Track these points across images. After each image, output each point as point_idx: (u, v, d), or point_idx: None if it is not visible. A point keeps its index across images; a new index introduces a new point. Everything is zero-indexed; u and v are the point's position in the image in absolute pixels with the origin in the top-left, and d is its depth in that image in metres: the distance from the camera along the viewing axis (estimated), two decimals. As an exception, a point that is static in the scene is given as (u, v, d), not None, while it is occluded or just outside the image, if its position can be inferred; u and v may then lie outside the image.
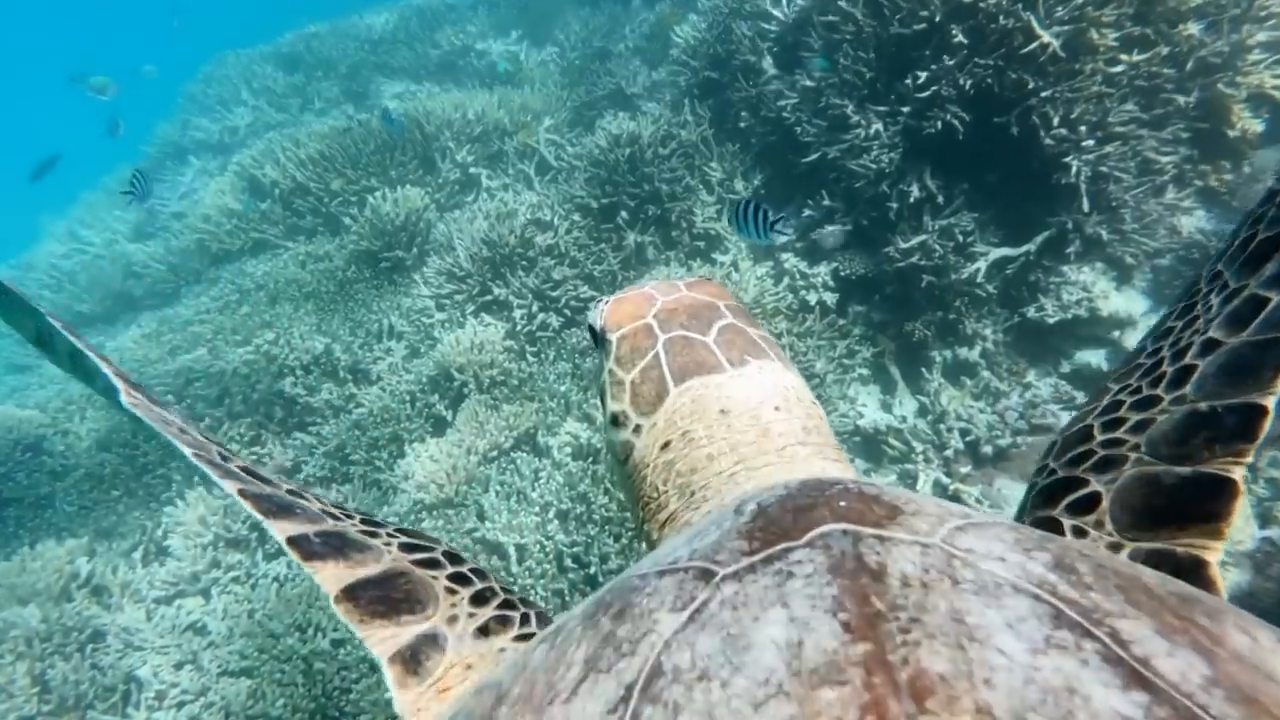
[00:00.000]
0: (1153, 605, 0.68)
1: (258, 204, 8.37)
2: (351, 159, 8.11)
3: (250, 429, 6.04)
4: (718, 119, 7.55)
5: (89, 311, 8.94)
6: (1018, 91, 5.00)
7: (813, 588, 0.70)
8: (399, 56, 12.85)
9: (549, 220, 6.67)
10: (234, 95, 13.50)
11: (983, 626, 0.64)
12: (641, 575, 0.85)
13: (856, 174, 5.66)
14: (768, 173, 6.93)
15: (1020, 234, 5.52)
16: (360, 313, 6.72)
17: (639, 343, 1.45)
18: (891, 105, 5.53)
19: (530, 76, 11.45)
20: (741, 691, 0.62)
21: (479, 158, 8.36)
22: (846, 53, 5.72)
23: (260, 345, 6.43)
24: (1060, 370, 5.40)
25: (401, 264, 7.18)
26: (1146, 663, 0.61)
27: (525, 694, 0.78)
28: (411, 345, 6.45)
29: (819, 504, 0.85)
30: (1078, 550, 0.77)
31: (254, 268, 7.89)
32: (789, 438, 1.30)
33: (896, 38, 5.41)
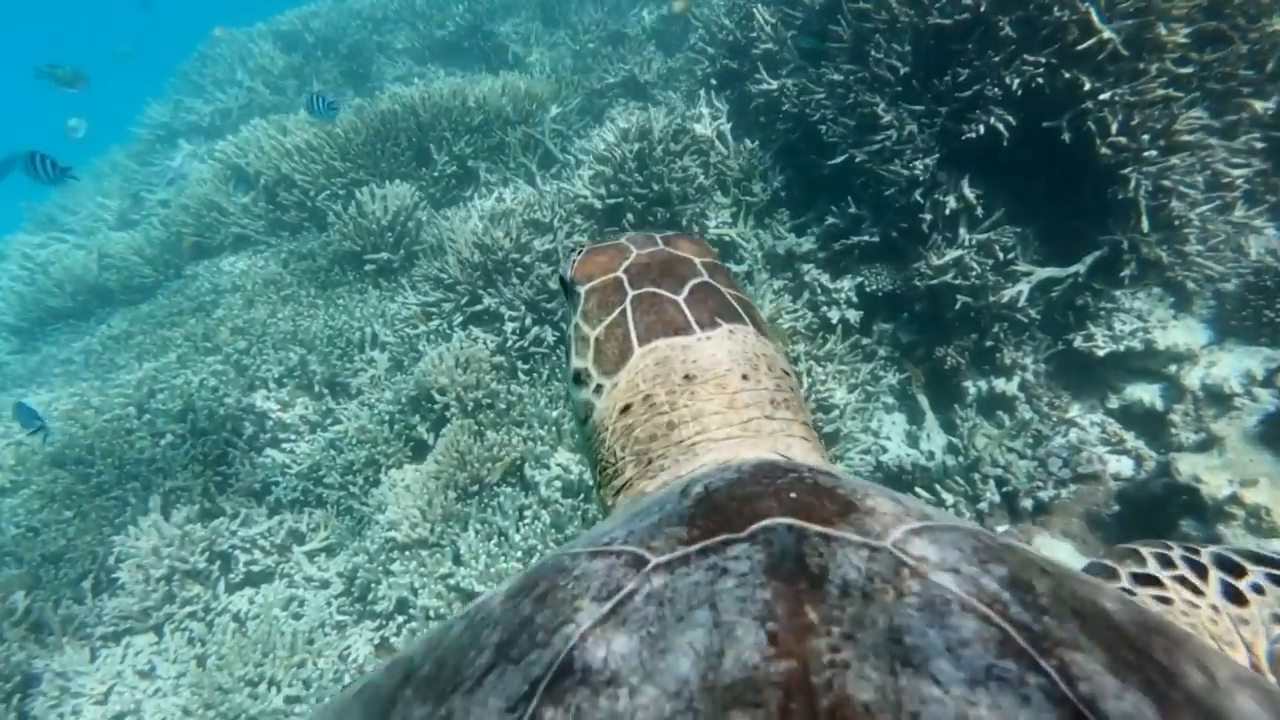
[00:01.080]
0: (1109, 635, 0.66)
1: (239, 196, 8.02)
2: (340, 149, 7.74)
3: (215, 447, 5.70)
4: (736, 112, 7.13)
5: (60, 306, 8.65)
6: (1071, 93, 4.55)
7: (745, 589, 0.68)
8: (402, 36, 12.50)
9: (547, 221, 6.28)
10: (228, 75, 13.20)
11: (921, 649, 0.60)
12: (574, 555, 0.83)
13: (886, 180, 5.22)
14: (788, 173, 6.50)
15: (1067, 252, 5.07)
16: (341, 319, 6.36)
17: (607, 297, 1.40)
18: (928, 105, 5.10)
19: (539, 60, 11.07)
20: (648, 703, 0.60)
21: (478, 149, 7.97)
22: (878, 44, 5.28)
23: (231, 355, 6.09)
24: (1107, 405, 4.96)
25: (388, 267, 6.81)
26: (1092, 704, 0.58)
27: (432, 676, 0.75)
28: (395, 357, 6.09)
29: (768, 493, 0.82)
30: (1039, 566, 0.74)
31: (232, 265, 7.57)
32: (755, 410, 1.27)
33: (935, 29, 4.97)
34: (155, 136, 13.03)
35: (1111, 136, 4.49)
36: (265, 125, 8.52)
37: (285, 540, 5.52)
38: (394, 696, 0.77)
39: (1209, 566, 1.27)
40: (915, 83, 5.19)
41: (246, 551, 5.44)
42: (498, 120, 8.29)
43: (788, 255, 5.99)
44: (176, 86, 13.93)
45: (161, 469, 5.54)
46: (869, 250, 5.68)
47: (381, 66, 12.34)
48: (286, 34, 13.64)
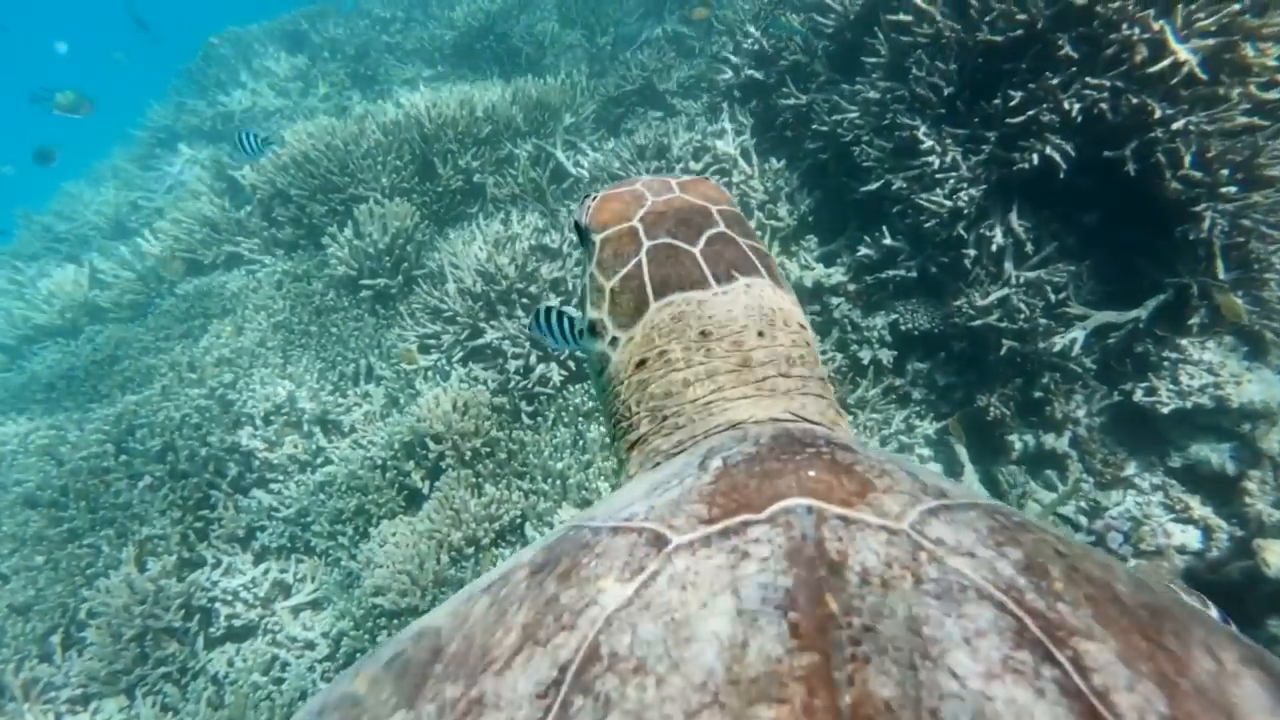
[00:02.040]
0: (1122, 622, 0.68)
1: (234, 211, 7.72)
2: (339, 162, 7.41)
3: (195, 490, 5.39)
4: (761, 126, 6.76)
5: (48, 324, 8.38)
6: (1138, 120, 4.15)
7: (767, 575, 0.69)
8: (412, 36, 12.18)
9: (556, 248, 5.92)
10: (232, 76, 12.93)
11: (939, 641, 0.62)
12: (595, 529, 0.84)
13: (926, 210, 4.83)
14: (817, 196, 6.12)
15: (1125, 292, 4.68)
16: (335, 350, 6.04)
17: (622, 248, 1.41)
18: (973, 129, 4.71)
19: (554, 63, 10.72)
20: (676, 694, 0.61)
21: (485, 162, 7.63)
22: (919, 61, 4.89)
23: (216, 389, 5.78)
24: (1168, 463, 4.56)
25: (386, 293, 6.48)
26: (1104, 697, 0.60)
27: (462, 654, 0.77)
28: (391, 393, 5.75)
29: (786, 471, 0.84)
30: (1053, 546, 0.76)
31: (223, 287, 7.26)
32: (771, 368, 1.28)
33: (984, 46, 4.58)
34: (156, 139, 12.80)
35: (1184, 169, 4.09)
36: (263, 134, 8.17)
37: (270, 592, 5.20)
38: (425, 673, 0.77)
39: None
40: (960, 104, 4.80)
41: (228, 604, 5.13)
42: (507, 131, 7.94)
43: (816, 288, 5.61)
44: (180, 87, 13.68)
45: (138, 515, 5.24)
46: (904, 285, 5.29)
47: (390, 69, 12.03)
48: (292, 33, 13.37)
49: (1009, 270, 4.77)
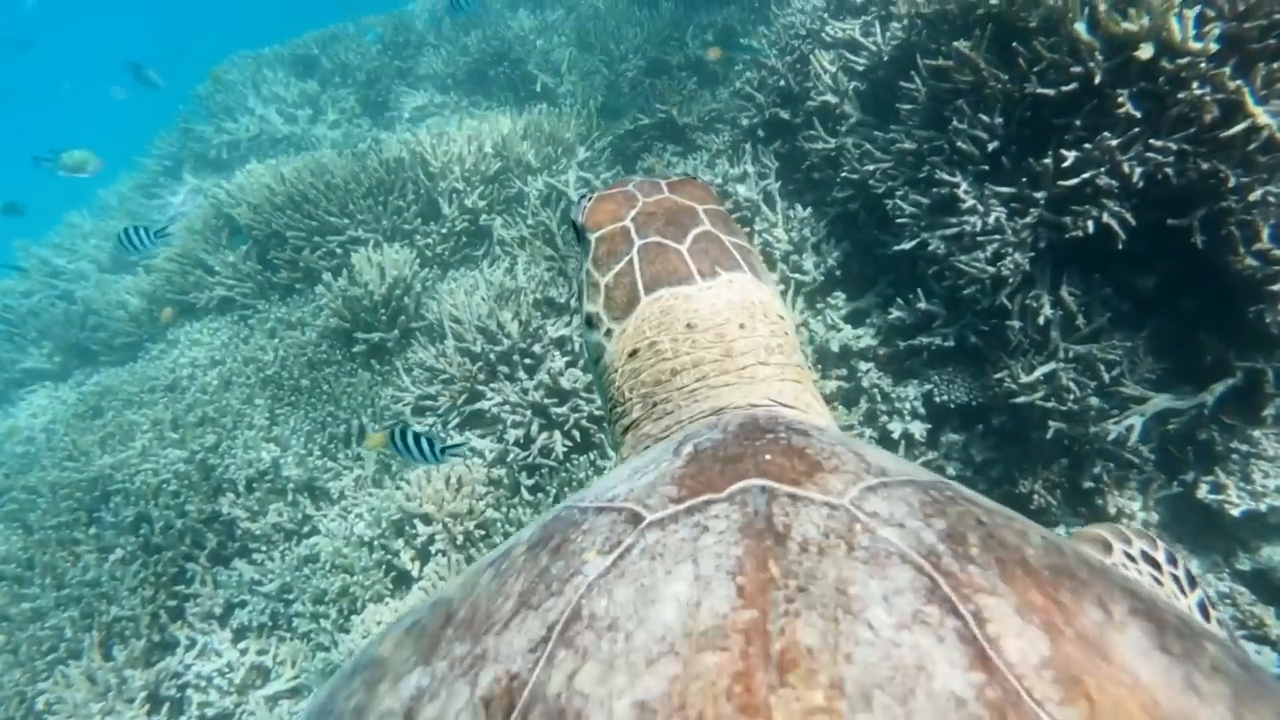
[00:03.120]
0: (1024, 578, 0.81)
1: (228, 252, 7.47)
2: (339, 202, 7.16)
3: (171, 565, 5.10)
4: (785, 169, 6.43)
5: (35, 366, 8.18)
6: (1208, 187, 3.77)
7: (722, 545, 0.83)
8: (424, 62, 11.98)
9: (563, 301, 5.60)
10: (240, 102, 12.77)
11: (861, 598, 0.76)
12: (583, 509, 0.99)
13: (966, 274, 4.46)
14: (845, 247, 5.78)
15: (1185, 369, 4.31)
16: (325, 409, 5.75)
17: (615, 246, 1.55)
18: (1020, 188, 4.35)
19: (570, 91, 10.46)
20: (640, 646, 0.75)
21: (493, 202, 7.35)
22: (960, 111, 4.54)
23: (196, 452, 5.50)
24: (1237, 566, 4.15)
25: (381, 347, 6.18)
26: (995, 642, 0.72)
27: (469, 618, 0.91)
28: (383, 459, 5.43)
29: (747, 455, 0.98)
30: (976, 517, 0.90)
31: (213, 335, 7.00)
32: (751, 357, 1.43)
33: (1034, 99, 4.22)
34: (162, 167, 12.68)
35: (1260, 243, 3.72)
36: (261, 171, 7.98)
37: (248, 677, 4.89)
38: (438, 635, 0.91)
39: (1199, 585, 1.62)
40: (1005, 160, 4.45)
41: (201, 691, 4.82)
42: (517, 167, 7.67)
43: (843, 352, 5.25)
44: (188, 112, 13.55)
45: (106, 594, 4.95)
46: (940, 353, 4.92)
47: (401, 95, 11.83)
48: (302, 58, 13.22)
49: (1056, 341, 4.40)
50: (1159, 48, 3.71)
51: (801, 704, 0.67)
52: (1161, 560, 1.60)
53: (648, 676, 0.72)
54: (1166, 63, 3.69)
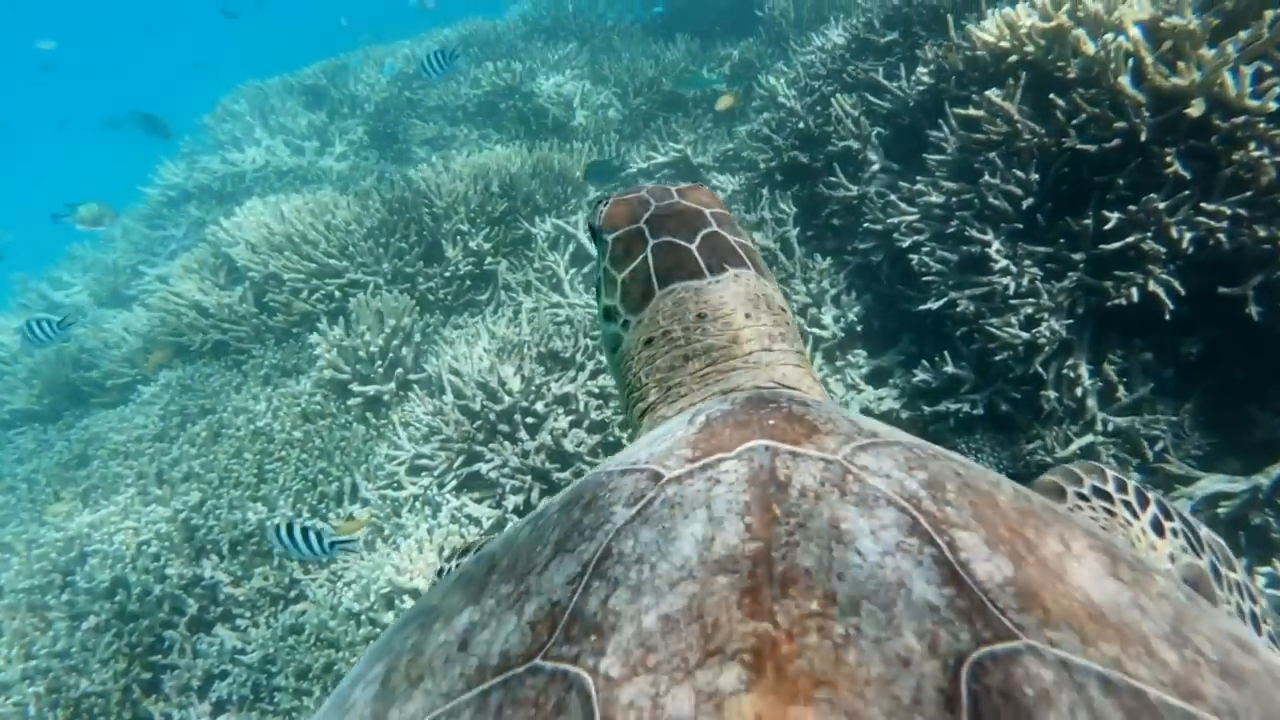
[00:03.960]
0: (994, 517, 0.95)
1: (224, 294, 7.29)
2: (339, 244, 6.97)
3: (148, 634, 4.86)
4: (804, 214, 6.22)
5: (25, 408, 8.00)
6: (1264, 254, 3.52)
7: (732, 494, 0.97)
8: (434, 93, 11.86)
9: (569, 355, 5.37)
10: (247, 133, 12.70)
11: (851, 532, 0.89)
12: (609, 473, 1.12)
13: (997, 339, 4.21)
14: (867, 301, 5.54)
15: (1234, 444, 4.03)
16: (317, 465, 5.52)
17: (631, 245, 1.72)
18: (1057, 249, 4.11)
19: (582, 125, 10.32)
20: (664, 573, 0.88)
21: (498, 244, 7.16)
22: (992, 165, 4.31)
23: (180, 511, 5.28)
24: (1304, 657, 3.83)
25: (377, 400, 5.96)
26: (966, 565, 0.86)
27: (511, 565, 1.04)
28: (376, 521, 5.20)
29: (753, 422, 1.12)
30: (952, 470, 1.04)
31: (204, 381, 6.80)
32: (755, 344, 1.59)
33: (1072, 154, 3.99)
34: (166, 198, 12.57)
35: (1323, 316, 3.45)
36: (260, 208, 7.81)
37: (226, 757, 4.63)
38: (484, 581, 1.04)
39: (1150, 502, 1.70)
40: (1040, 218, 4.21)
41: (175, 773, 4.57)
42: (525, 207, 7.48)
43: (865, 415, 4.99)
44: (194, 142, 13.50)
45: (75, 668, 4.71)
46: (968, 419, 4.66)
47: (410, 127, 11.70)
48: (311, 88, 13.15)
49: (1094, 411, 4.14)
50: (1211, 104, 3.48)
51: (800, 610, 0.80)
52: (1111, 490, 1.67)
53: (670, 595, 0.85)
54: (1219, 120, 3.46)
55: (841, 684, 0.74)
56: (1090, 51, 3.84)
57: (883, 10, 6.36)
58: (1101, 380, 4.11)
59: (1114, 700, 0.76)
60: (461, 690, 0.90)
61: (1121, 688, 0.78)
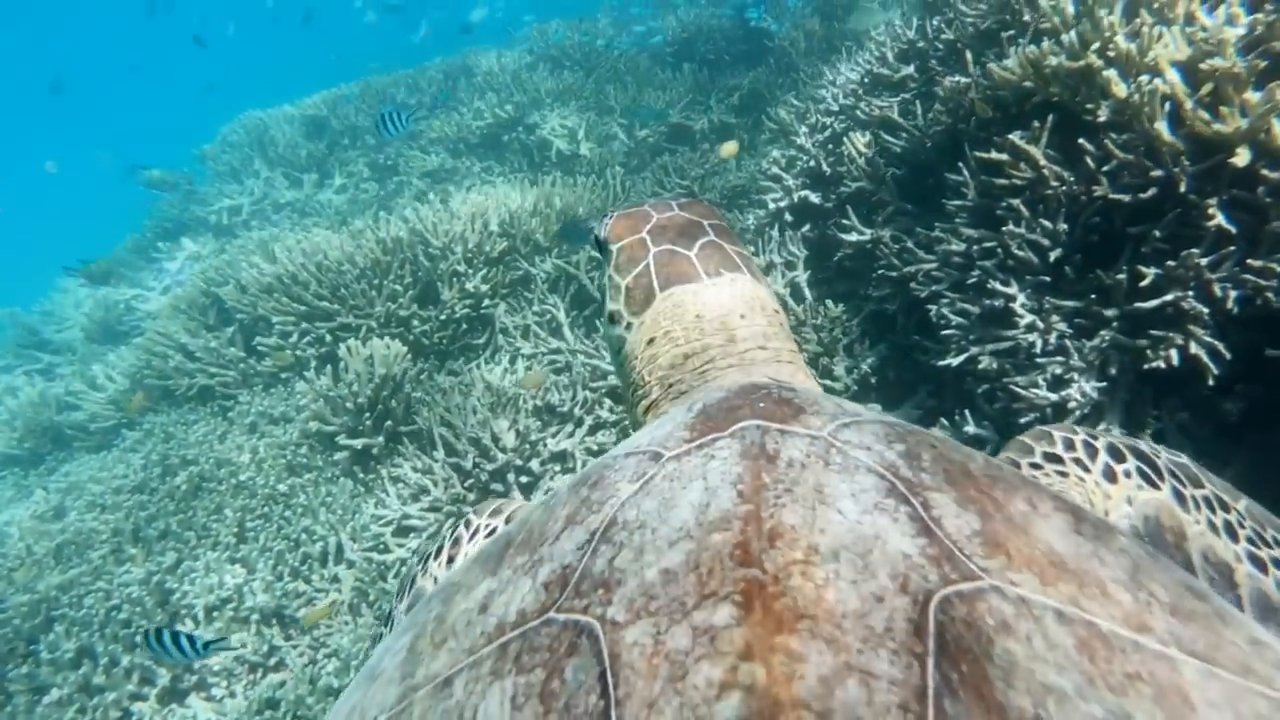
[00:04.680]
0: (965, 482, 1.06)
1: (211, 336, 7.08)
2: (331, 286, 6.77)
3: (115, 707, 4.60)
4: (815, 257, 6.00)
5: (5, 451, 7.80)
6: (1318, 314, 3.26)
7: (725, 466, 1.07)
8: (436, 125, 11.70)
9: (567, 409, 5.14)
10: (245, 164, 12.55)
11: (833, 495, 1.00)
12: (614, 456, 1.24)
13: (1022, 399, 3.95)
14: (881, 350, 5.30)
15: None
16: (301, 524, 5.28)
17: (634, 253, 1.87)
18: (1088, 304, 3.86)
19: (587, 157, 10.14)
20: (664, 535, 0.99)
21: (496, 285, 6.94)
22: (1016, 213, 4.08)
23: (154, 572, 5.04)
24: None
25: (366, 453, 5.72)
26: (938, 521, 0.96)
27: (525, 540, 1.14)
28: (361, 585, 4.95)
29: (744, 405, 1.23)
30: (928, 443, 1.15)
31: (188, 429, 6.58)
32: (750, 342, 1.72)
33: (1103, 205, 3.75)
34: (163, 229, 12.42)
35: (1384, 385, 3.18)
36: (251, 247, 7.64)
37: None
38: (501, 555, 1.15)
39: (1100, 451, 1.70)
40: (1070, 271, 3.96)
41: None
42: (525, 247, 7.26)
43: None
44: (193, 174, 13.38)
45: (35, 748, 4.46)
46: (996, 482, 4.38)
47: (411, 159, 11.55)
48: (312, 119, 13.02)
49: (1132, 477, 3.85)
50: (1257, 153, 3.24)
51: (785, 559, 0.91)
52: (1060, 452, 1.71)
53: (670, 552, 0.96)
54: (1268, 170, 3.21)
55: (821, 617, 0.84)
56: (1122, 94, 3.61)
57: (897, 45, 6.16)
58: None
59: (1067, 628, 0.85)
60: (483, 645, 0.99)
61: (1075, 619, 0.86)
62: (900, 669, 0.80)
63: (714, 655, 0.82)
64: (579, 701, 0.85)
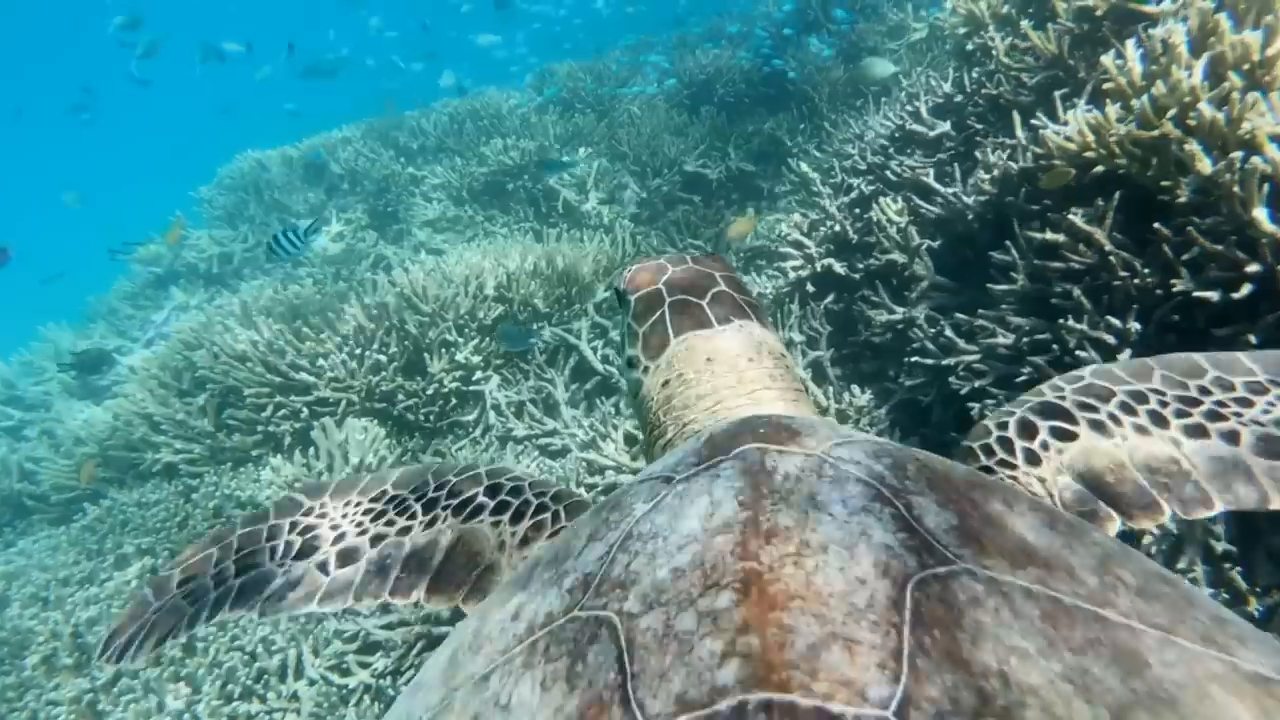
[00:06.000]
0: (946, 487, 1.17)
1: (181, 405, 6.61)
2: (310, 354, 6.29)
3: None
4: (839, 334, 5.49)
5: (-43, 526, 7.32)
6: None
7: (728, 482, 1.18)
8: (440, 169, 11.33)
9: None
10: (240, 208, 12.18)
11: (825, 500, 1.11)
12: (631, 483, 1.37)
13: (1088, 523, 3.38)
14: (914, 444, 4.70)
15: None
16: (256, 634, 4.75)
17: (651, 303, 2.01)
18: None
19: (595, 210, 9.72)
20: (674, 542, 1.09)
21: (489, 356, 6.45)
22: (1077, 304, 3.56)
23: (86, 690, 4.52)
24: None
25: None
26: (919, 519, 1.07)
27: (551, 559, 1.26)
28: (318, 711, 4.41)
29: (746, 432, 1.33)
30: (913, 456, 1.26)
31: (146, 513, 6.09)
32: (758, 383, 1.84)
33: (1183, 300, 3.23)
34: (153, 276, 12.06)
35: None
36: (231, 306, 7.17)
37: None
38: (530, 573, 1.26)
39: (1014, 440, 1.74)
40: (1143, 376, 3.41)
41: None
42: (523, 311, 6.79)
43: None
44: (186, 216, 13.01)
45: None
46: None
47: (412, 206, 11.16)
48: (310, 162, 12.66)
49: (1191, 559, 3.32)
50: (1381, 251, 2.72)
51: (779, 552, 1.01)
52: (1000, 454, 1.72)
53: (679, 555, 1.06)
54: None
55: (810, 597, 0.95)
56: (1207, 171, 3.10)
57: (932, 97, 5.68)
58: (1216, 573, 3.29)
59: (1032, 603, 0.96)
60: (514, 645, 1.10)
61: (1041, 596, 0.97)
62: (879, 635, 0.90)
63: (716, 632, 0.93)
64: (599, 678, 0.95)
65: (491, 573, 1.72)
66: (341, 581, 1.82)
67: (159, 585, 1.93)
